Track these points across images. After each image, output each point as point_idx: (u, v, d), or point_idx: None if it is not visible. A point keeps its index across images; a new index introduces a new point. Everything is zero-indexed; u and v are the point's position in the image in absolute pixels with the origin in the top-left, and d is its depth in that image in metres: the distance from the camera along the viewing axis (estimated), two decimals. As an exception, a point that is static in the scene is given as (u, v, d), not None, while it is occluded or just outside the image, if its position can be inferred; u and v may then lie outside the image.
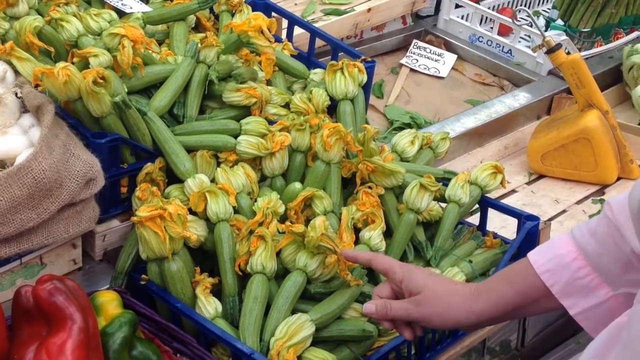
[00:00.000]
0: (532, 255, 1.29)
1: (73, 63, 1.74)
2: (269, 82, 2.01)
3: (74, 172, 1.53)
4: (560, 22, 2.89)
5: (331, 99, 1.99)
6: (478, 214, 1.96)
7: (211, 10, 2.17)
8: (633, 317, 1.15)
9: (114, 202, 1.70)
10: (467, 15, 2.97)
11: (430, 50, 2.88)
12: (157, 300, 1.61)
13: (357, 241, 1.72)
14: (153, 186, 1.69)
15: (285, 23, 2.29)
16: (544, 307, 1.31)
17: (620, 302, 1.24)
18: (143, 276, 1.60)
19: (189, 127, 1.79)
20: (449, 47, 2.93)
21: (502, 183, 1.94)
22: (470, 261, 1.79)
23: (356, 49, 2.30)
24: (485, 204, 1.93)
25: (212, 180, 1.74)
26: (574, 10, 2.86)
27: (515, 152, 2.55)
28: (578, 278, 1.24)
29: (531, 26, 2.72)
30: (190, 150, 1.75)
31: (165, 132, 1.73)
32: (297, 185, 1.76)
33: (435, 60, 2.85)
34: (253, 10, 2.12)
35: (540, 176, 2.46)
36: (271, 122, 1.86)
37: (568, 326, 2.58)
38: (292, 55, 2.12)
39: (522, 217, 1.86)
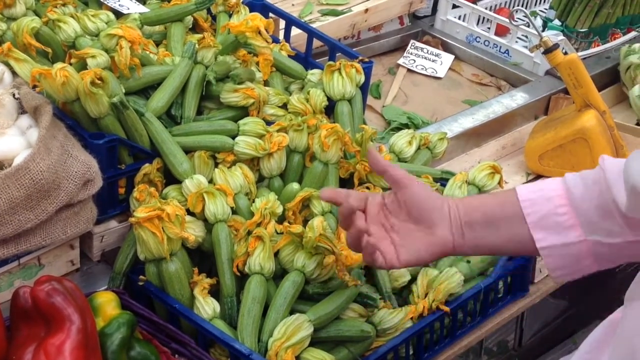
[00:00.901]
0: (520, 187, 1.31)
1: (70, 64, 1.74)
2: (266, 83, 2.01)
3: (72, 173, 1.53)
4: (557, 22, 2.89)
5: (329, 99, 1.99)
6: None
7: (208, 11, 2.17)
8: (627, 314, 1.16)
9: (112, 203, 1.70)
10: (465, 15, 2.97)
11: (428, 51, 2.88)
12: (155, 301, 1.61)
13: (355, 241, 1.72)
14: (151, 187, 1.69)
15: (282, 24, 2.29)
16: (510, 234, 1.30)
17: (588, 247, 1.25)
18: (141, 277, 1.60)
19: (187, 128, 1.79)
20: (446, 48, 2.93)
21: (499, 183, 1.94)
22: (468, 261, 1.79)
23: (354, 49, 2.30)
24: (483, 204, 1.93)
25: (210, 181, 1.74)
26: (571, 10, 2.86)
27: (513, 152, 2.55)
28: (556, 214, 1.25)
29: (528, 26, 2.72)
30: (188, 151, 1.75)
31: (163, 132, 1.73)
32: (295, 185, 1.77)
33: (433, 61, 2.86)
34: (250, 11, 2.13)
35: (538, 176, 2.46)
36: (269, 123, 1.86)
37: (565, 326, 2.58)
38: (289, 56, 2.12)
39: (520, 217, 1.86)
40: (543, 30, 2.83)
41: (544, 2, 3.26)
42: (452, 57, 2.88)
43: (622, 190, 1.18)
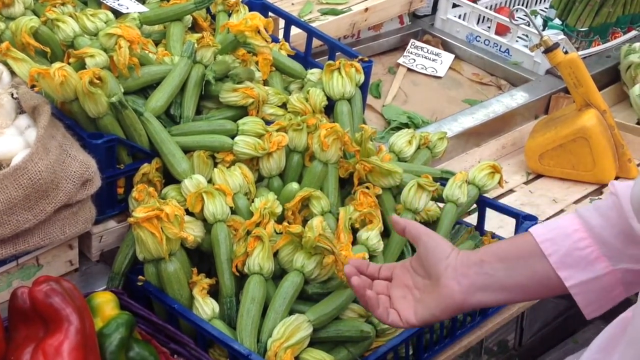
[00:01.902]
0: (534, 228, 1.26)
1: (69, 63, 1.74)
2: (265, 82, 2.01)
3: (71, 173, 1.53)
4: (557, 21, 2.88)
5: (328, 99, 1.98)
6: (476, 214, 1.96)
7: (208, 11, 2.17)
8: (637, 313, 1.15)
9: (111, 203, 1.70)
10: (465, 14, 2.97)
11: (428, 50, 2.88)
12: (154, 301, 1.61)
13: (354, 241, 1.71)
14: (150, 187, 1.68)
15: (282, 23, 2.28)
16: (531, 272, 1.24)
17: (617, 278, 1.21)
18: (140, 277, 1.60)
19: (186, 128, 1.79)
20: (447, 47, 2.93)
21: (499, 183, 1.94)
22: (468, 261, 1.78)
23: (353, 48, 2.30)
24: (483, 203, 1.93)
25: (209, 181, 1.74)
26: (571, 9, 2.86)
27: (513, 151, 2.55)
28: (578, 249, 1.21)
29: (529, 25, 2.72)
30: (187, 150, 1.75)
31: (162, 132, 1.72)
32: (295, 185, 1.76)
33: (433, 60, 2.85)
34: (250, 10, 2.12)
35: (538, 176, 2.46)
36: (268, 122, 1.86)
37: (566, 326, 2.58)
38: (289, 55, 2.11)
39: (520, 217, 1.86)
40: (543, 30, 2.82)
41: (544, 1, 3.26)
42: (452, 56, 2.88)
43: (635, 219, 1.15)
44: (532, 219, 1.84)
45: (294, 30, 2.26)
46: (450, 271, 1.27)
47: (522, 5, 3.16)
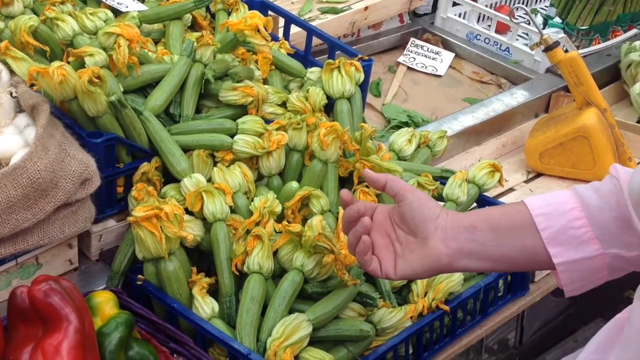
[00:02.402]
0: (530, 199, 1.25)
1: (68, 62, 1.74)
2: (265, 81, 2.01)
3: (70, 172, 1.52)
4: (558, 19, 2.88)
5: (328, 97, 1.98)
6: (476, 213, 1.95)
7: (207, 9, 2.17)
8: (633, 314, 1.14)
9: (110, 202, 1.69)
10: (465, 13, 2.96)
11: (428, 49, 2.87)
12: (154, 301, 1.60)
13: (354, 240, 1.71)
14: (149, 186, 1.68)
15: (281, 21, 2.28)
16: (521, 245, 1.23)
17: (605, 262, 1.20)
18: (139, 276, 1.60)
19: (185, 127, 1.78)
20: (447, 45, 2.92)
21: (500, 181, 1.93)
22: (468, 260, 1.78)
23: (353, 47, 2.29)
24: (483, 202, 1.93)
25: (209, 180, 1.73)
26: (571, 7, 2.86)
27: (513, 150, 2.54)
28: (572, 227, 1.20)
29: (529, 24, 2.71)
30: (187, 149, 1.75)
31: (161, 131, 1.72)
32: (294, 184, 1.76)
33: (433, 59, 2.85)
34: (249, 9, 2.12)
35: (539, 174, 2.45)
36: (268, 121, 1.85)
37: (566, 324, 2.58)
38: (288, 54, 2.11)
39: (520, 216, 1.85)
40: (544, 28, 2.81)
41: (545, -1, 3.25)
42: (452, 55, 2.88)
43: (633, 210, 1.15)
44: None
45: (294, 29, 2.26)
46: (440, 233, 1.26)
47: (522, 3, 3.15)
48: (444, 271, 1.29)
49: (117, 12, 1.97)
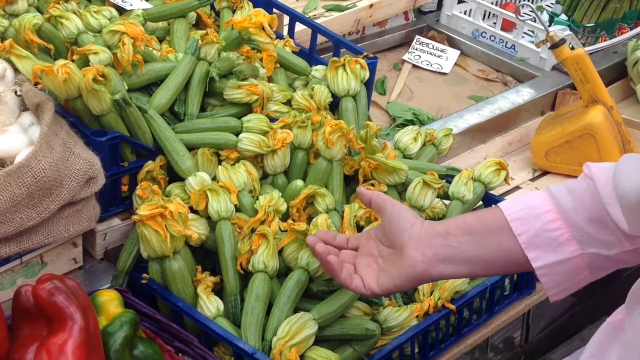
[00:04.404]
0: (503, 203, 1.24)
1: (73, 61, 1.73)
2: (270, 79, 2.00)
3: (74, 171, 1.52)
4: (564, 17, 2.87)
5: (333, 95, 1.97)
6: (481, 211, 1.95)
7: (212, 7, 2.16)
8: (630, 315, 1.14)
9: (115, 200, 1.69)
10: (470, 10, 2.95)
11: (433, 46, 2.87)
12: (159, 300, 1.60)
13: (359, 239, 1.70)
14: (154, 184, 1.68)
15: (286, 19, 2.27)
16: (498, 246, 1.22)
17: (585, 262, 1.19)
18: (144, 275, 1.59)
19: (190, 125, 1.78)
20: (452, 43, 2.91)
21: (505, 180, 1.93)
22: (474, 259, 1.77)
23: (358, 45, 2.29)
24: (489, 200, 1.92)
25: (214, 178, 1.73)
26: (577, 5, 2.85)
27: (519, 148, 2.53)
28: (548, 230, 1.19)
29: (535, 21, 2.70)
30: (191, 148, 1.74)
31: (166, 130, 1.72)
32: (299, 183, 1.75)
33: (438, 56, 2.84)
34: (254, 7, 2.11)
35: (545, 172, 2.44)
36: (273, 120, 1.85)
37: (572, 323, 2.57)
38: (293, 52, 2.10)
39: (526, 214, 1.85)
40: (549, 25, 2.80)
41: (551, -4, 3.24)
42: (458, 52, 2.87)
43: (619, 209, 1.13)
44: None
45: (299, 27, 2.25)
46: (414, 241, 1.26)
47: (528, 1, 3.14)
48: (423, 280, 1.28)
49: (121, 10, 1.97)
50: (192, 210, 1.65)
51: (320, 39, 2.22)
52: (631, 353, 1.13)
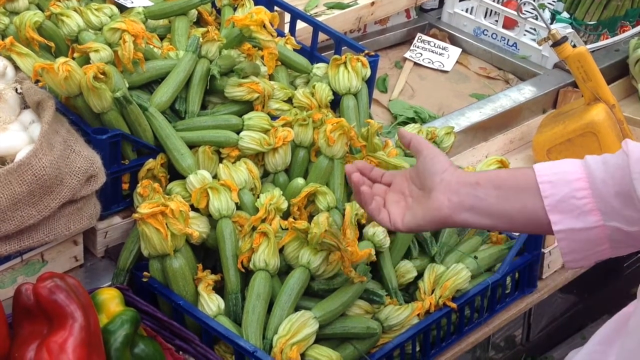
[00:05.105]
0: (538, 165, 1.26)
1: (74, 58, 1.73)
2: (271, 77, 2.00)
3: (75, 169, 1.52)
4: (566, 14, 2.86)
5: (334, 93, 1.97)
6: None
7: (213, 5, 2.16)
8: (638, 308, 1.14)
9: (116, 198, 1.69)
10: (472, 8, 2.95)
11: (435, 44, 2.86)
12: (159, 298, 1.60)
13: (361, 237, 1.70)
14: (155, 182, 1.68)
15: (287, 17, 2.27)
16: (521, 205, 1.25)
17: (605, 234, 1.21)
18: (145, 273, 1.59)
19: (191, 123, 1.78)
20: (454, 41, 2.91)
21: (507, 178, 1.92)
22: (476, 257, 1.77)
23: (359, 43, 2.28)
24: (490, 199, 1.91)
25: (214, 177, 1.73)
26: (579, 2, 2.84)
27: (521, 146, 2.53)
28: (575, 197, 1.21)
29: (536, 19, 2.70)
30: (192, 146, 1.74)
31: (166, 127, 1.71)
32: (300, 181, 1.75)
33: (440, 54, 2.84)
34: (255, 4, 2.11)
35: (546, 171, 2.44)
36: (274, 118, 1.85)
37: (573, 321, 2.57)
38: (294, 50, 2.10)
39: (528, 213, 1.84)
40: (551, 23, 2.80)
41: (552, -6, 3.23)
42: (459, 50, 2.86)
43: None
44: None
45: (300, 25, 2.25)
46: (444, 185, 1.29)
47: (530, -2, 3.14)
48: (446, 224, 1.32)
49: (122, 8, 1.97)
50: (193, 208, 1.65)
51: (322, 36, 2.22)
52: (631, 340, 1.14)
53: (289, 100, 1.96)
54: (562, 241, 1.23)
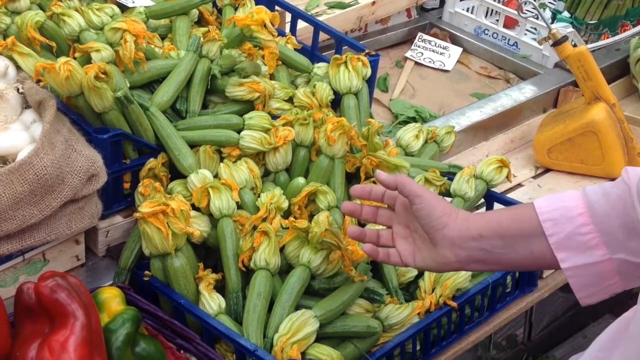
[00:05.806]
0: (538, 201, 1.27)
1: (75, 58, 1.73)
2: (272, 77, 2.00)
3: (76, 168, 1.52)
4: (566, 14, 2.86)
5: (335, 93, 1.97)
6: (484, 209, 1.95)
7: (214, 4, 2.16)
8: (638, 313, 1.14)
9: (117, 198, 1.69)
10: (473, 7, 2.95)
11: (435, 44, 2.86)
12: (161, 297, 1.60)
13: (361, 236, 1.70)
14: (156, 182, 1.68)
15: (288, 16, 2.27)
16: (529, 252, 1.27)
17: (613, 267, 1.22)
18: (146, 272, 1.59)
19: (192, 122, 1.78)
20: (454, 40, 2.91)
21: (507, 177, 1.93)
22: (476, 256, 1.77)
23: (360, 42, 2.28)
24: (490, 198, 1.92)
25: (215, 176, 1.73)
26: (580, 2, 2.84)
27: (522, 145, 2.53)
28: (579, 234, 1.22)
29: (537, 18, 2.70)
30: (193, 145, 1.74)
31: (167, 127, 1.72)
32: (301, 180, 1.75)
33: (441, 54, 2.84)
34: (256, 4, 2.11)
35: (547, 170, 2.44)
36: (274, 117, 1.85)
37: (575, 320, 2.57)
38: (295, 49, 2.10)
39: (528, 212, 1.84)
40: (552, 22, 2.80)
41: (553, -7, 3.23)
42: (460, 49, 2.86)
43: None
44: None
45: (301, 24, 2.25)
46: (447, 242, 1.31)
47: (531, -2, 3.14)
48: (456, 270, 1.39)
49: (123, 8, 1.97)
50: (194, 207, 1.66)
51: (322, 36, 2.22)
52: (633, 346, 1.14)
53: (290, 100, 1.96)
54: (571, 278, 1.24)
